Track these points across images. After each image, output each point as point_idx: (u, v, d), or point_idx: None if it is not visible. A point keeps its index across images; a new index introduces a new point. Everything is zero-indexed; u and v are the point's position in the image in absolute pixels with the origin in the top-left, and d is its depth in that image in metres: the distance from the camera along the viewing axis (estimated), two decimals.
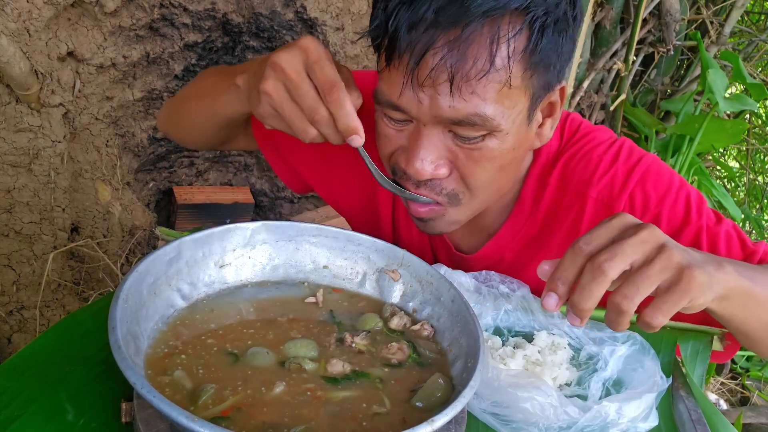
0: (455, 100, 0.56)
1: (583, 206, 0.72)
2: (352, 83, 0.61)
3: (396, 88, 0.58)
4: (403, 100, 0.58)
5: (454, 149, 0.60)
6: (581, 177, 0.72)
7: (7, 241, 1.47)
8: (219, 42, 1.74)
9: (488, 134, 0.59)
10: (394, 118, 0.61)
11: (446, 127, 0.59)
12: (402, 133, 0.62)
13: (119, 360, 0.42)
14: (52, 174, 1.48)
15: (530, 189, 0.75)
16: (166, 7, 1.56)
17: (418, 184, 0.63)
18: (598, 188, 0.71)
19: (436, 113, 0.57)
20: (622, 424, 0.55)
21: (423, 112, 0.58)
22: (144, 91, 1.71)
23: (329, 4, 1.71)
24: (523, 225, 0.76)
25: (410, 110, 0.58)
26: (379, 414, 0.49)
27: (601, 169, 0.71)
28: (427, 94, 0.56)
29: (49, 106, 1.45)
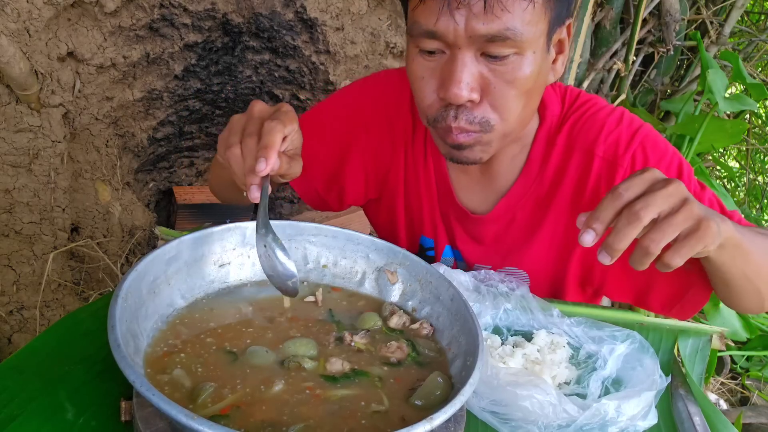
0: (488, 17, 0.62)
1: (590, 163, 0.78)
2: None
3: (432, 16, 0.63)
4: (440, 25, 0.63)
5: (486, 74, 0.66)
6: (587, 136, 0.79)
7: (7, 241, 1.48)
8: (219, 42, 1.74)
9: (516, 53, 0.65)
10: (428, 48, 0.66)
11: (479, 48, 0.64)
12: (434, 70, 0.67)
13: (119, 359, 0.43)
14: (52, 174, 1.48)
15: (538, 149, 0.81)
16: (166, 7, 1.56)
17: (456, 116, 0.67)
18: (604, 147, 0.78)
19: (471, 33, 0.63)
20: (621, 422, 0.55)
21: (458, 34, 0.63)
22: (144, 91, 1.71)
23: (329, 4, 1.71)
24: (533, 183, 0.81)
25: (447, 34, 0.64)
26: (378, 412, 0.49)
27: (606, 129, 0.78)
28: (462, 15, 0.62)
29: (49, 107, 1.45)
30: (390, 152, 0.87)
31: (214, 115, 2.04)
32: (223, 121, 2.10)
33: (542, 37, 0.66)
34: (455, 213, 0.86)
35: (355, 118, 0.87)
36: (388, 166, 0.88)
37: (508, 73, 0.65)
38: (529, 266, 0.85)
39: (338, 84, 1.88)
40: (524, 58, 0.65)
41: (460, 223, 0.86)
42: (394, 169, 0.88)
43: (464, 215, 0.85)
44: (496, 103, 0.67)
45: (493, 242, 0.85)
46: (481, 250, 0.86)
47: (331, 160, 0.88)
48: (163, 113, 1.85)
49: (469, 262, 0.88)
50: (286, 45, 1.78)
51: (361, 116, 0.87)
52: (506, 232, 0.84)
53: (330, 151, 0.88)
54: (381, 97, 0.87)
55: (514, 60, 0.65)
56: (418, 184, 0.87)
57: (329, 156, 0.88)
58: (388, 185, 0.89)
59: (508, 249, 0.84)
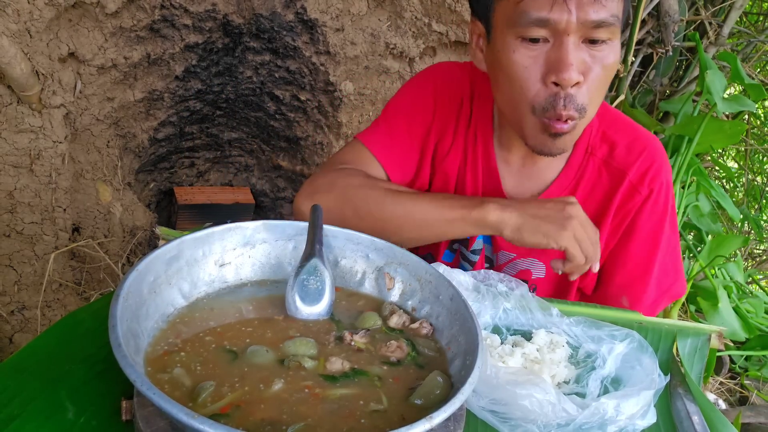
0: (598, 6, 0.70)
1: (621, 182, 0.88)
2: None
3: (546, 5, 0.70)
4: (554, 13, 0.70)
5: (587, 59, 0.73)
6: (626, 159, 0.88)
7: (8, 242, 1.48)
8: (219, 43, 1.74)
9: (610, 39, 0.73)
10: (534, 36, 0.72)
11: (582, 35, 0.71)
12: (538, 58, 0.74)
13: (119, 358, 0.43)
14: (53, 174, 1.48)
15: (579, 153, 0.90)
16: (167, 8, 1.56)
17: (566, 105, 0.74)
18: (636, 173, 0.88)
19: (583, 20, 0.70)
20: (620, 421, 0.55)
21: (570, 22, 0.70)
22: (145, 91, 1.72)
23: (329, 5, 1.72)
24: (569, 184, 0.90)
25: (560, 21, 0.70)
26: (377, 411, 0.49)
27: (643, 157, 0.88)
28: (574, 4, 0.69)
29: (50, 107, 1.45)
30: (452, 137, 0.94)
31: (214, 115, 2.04)
32: (223, 122, 2.10)
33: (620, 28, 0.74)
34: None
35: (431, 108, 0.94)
36: (447, 151, 0.94)
37: (605, 57, 0.73)
38: (547, 259, 0.91)
39: (338, 84, 1.89)
40: (614, 45, 0.74)
41: None
42: (452, 155, 0.94)
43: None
44: (591, 87, 0.74)
45: None
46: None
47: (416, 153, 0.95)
48: (164, 114, 1.86)
49: (497, 248, 0.94)
50: (286, 46, 1.79)
51: (435, 104, 0.94)
52: None
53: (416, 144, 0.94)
54: (446, 87, 0.94)
55: (608, 46, 0.73)
56: (465, 171, 0.94)
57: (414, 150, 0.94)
58: (441, 170, 0.95)
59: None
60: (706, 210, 2.13)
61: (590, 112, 0.77)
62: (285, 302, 0.61)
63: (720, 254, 1.96)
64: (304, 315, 0.60)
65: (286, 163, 2.23)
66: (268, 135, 2.18)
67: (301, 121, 2.06)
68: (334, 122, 2.01)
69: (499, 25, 0.76)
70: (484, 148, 0.92)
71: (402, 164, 0.93)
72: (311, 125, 2.06)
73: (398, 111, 0.95)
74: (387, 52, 1.90)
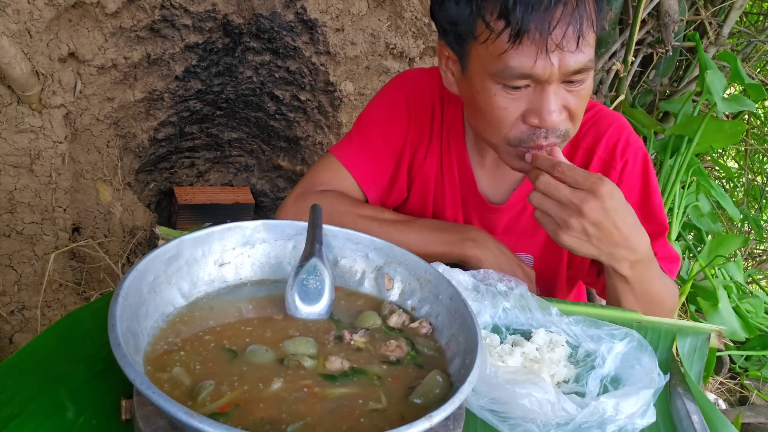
0: (578, 54, 0.71)
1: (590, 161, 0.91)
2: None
3: (529, 60, 0.70)
4: (538, 67, 0.71)
5: (566, 97, 0.75)
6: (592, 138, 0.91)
7: (8, 242, 1.48)
8: (219, 43, 1.74)
9: (587, 74, 0.75)
10: (517, 85, 0.73)
11: (562, 79, 0.73)
12: (518, 101, 0.75)
13: (119, 357, 0.43)
14: (53, 174, 1.49)
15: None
16: (167, 8, 1.56)
17: (547, 136, 0.76)
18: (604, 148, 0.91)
19: (565, 70, 0.71)
20: (619, 420, 0.55)
21: (553, 72, 0.71)
22: (145, 92, 1.72)
23: (329, 6, 1.72)
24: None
25: (542, 74, 0.71)
26: (376, 410, 0.50)
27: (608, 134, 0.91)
28: (556, 56, 0.70)
29: (50, 107, 1.45)
30: (427, 144, 0.95)
31: (214, 115, 2.05)
32: (223, 122, 2.11)
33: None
34: (475, 203, 0.95)
35: (405, 118, 0.95)
36: (424, 158, 0.96)
37: (582, 90, 0.76)
38: (533, 249, 0.94)
39: (338, 84, 1.89)
40: (591, 76, 0.76)
41: (477, 212, 0.95)
42: (428, 162, 0.95)
43: (483, 205, 0.94)
44: (572, 116, 0.77)
45: (503, 232, 0.94)
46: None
47: (392, 166, 0.96)
48: (164, 114, 1.86)
49: None
50: (286, 46, 1.79)
51: (409, 113, 0.95)
52: (517, 221, 0.93)
53: (391, 156, 0.95)
54: (418, 96, 0.95)
55: (586, 80, 0.75)
56: (443, 175, 0.96)
57: (389, 163, 0.95)
58: (420, 176, 0.97)
59: (517, 237, 0.93)
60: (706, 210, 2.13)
61: (573, 131, 0.79)
62: (284, 302, 0.61)
63: (720, 254, 1.96)
64: (303, 314, 0.60)
65: (286, 163, 2.23)
66: (268, 135, 2.18)
67: (301, 121, 2.06)
68: (334, 122, 2.01)
69: (476, 66, 0.76)
70: (458, 152, 0.94)
71: (377, 179, 0.95)
72: (311, 125, 2.06)
73: (372, 124, 0.95)
74: (387, 52, 1.90)
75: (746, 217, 2.50)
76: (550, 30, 0.69)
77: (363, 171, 0.94)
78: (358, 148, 0.94)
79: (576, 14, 0.70)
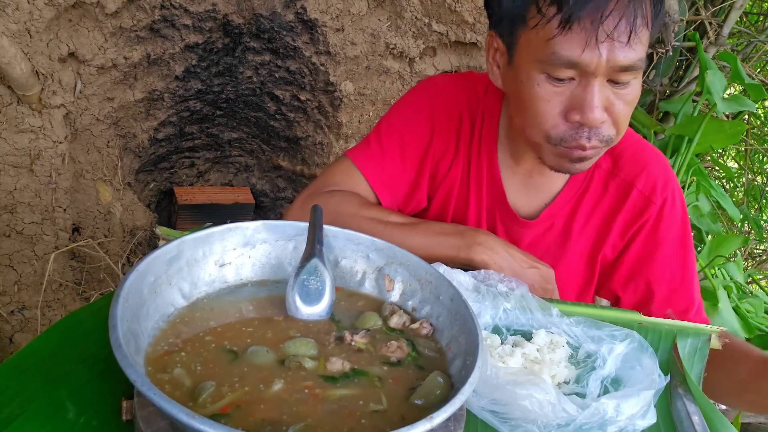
0: (628, 50, 0.69)
1: (628, 193, 0.89)
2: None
3: (578, 48, 0.69)
4: (585, 56, 0.69)
5: (611, 97, 0.73)
6: (632, 170, 0.89)
7: (8, 242, 1.48)
8: (219, 43, 1.74)
9: (635, 77, 0.73)
10: (561, 77, 0.72)
11: (608, 76, 0.71)
12: (562, 94, 0.73)
13: (120, 358, 0.43)
14: (53, 174, 1.49)
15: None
16: (167, 8, 1.56)
17: (590, 137, 0.74)
18: (643, 183, 0.89)
19: (613, 63, 0.69)
20: (620, 421, 0.55)
21: (600, 65, 0.69)
22: (145, 92, 1.72)
23: (329, 6, 1.72)
24: (574, 196, 0.91)
25: (590, 64, 0.69)
26: (377, 411, 0.50)
27: (648, 168, 0.89)
28: (606, 48, 0.68)
29: (50, 107, 1.45)
30: (453, 154, 0.93)
31: (214, 115, 2.05)
32: (223, 122, 2.10)
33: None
34: (503, 214, 0.93)
35: (428, 127, 0.93)
36: (449, 167, 0.94)
37: (628, 95, 0.73)
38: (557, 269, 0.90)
39: (338, 84, 1.89)
40: (638, 81, 0.74)
41: (503, 224, 0.93)
42: (453, 171, 0.94)
43: (512, 217, 0.92)
44: (617, 121, 0.75)
45: (527, 247, 0.92)
46: None
47: (411, 174, 0.94)
48: (164, 114, 1.86)
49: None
50: (286, 46, 1.79)
51: (433, 123, 0.93)
52: (543, 238, 0.92)
53: (410, 165, 0.93)
54: (444, 105, 0.93)
55: (633, 84, 0.73)
56: (469, 184, 0.94)
57: (409, 171, 0.93)
58: (444, 185, 0.95)
59: (541, 254, 0.90)
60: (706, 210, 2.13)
61: (617, 138, 0.78)
62: (285, 302, 0.61)
63: (720, 254, 1.96)
64: (304, 315, 0.60)
65: (286, 163, 2.23)
66: (268, 135, 2.18)
67: (301, 121, 2.06)
68: (334, 122, 2.01)
69: (524, 54, 0.74)
70: (489, 161, 0.92)
71: (393, 184, 0.92)
72: (311, 125, 2.06)
73: (392, 131, 0.93)
74: (387, 52, 1.90)
75: (746, 217, 2.50)
76: (602, 19, 0.67)
77: (378, 175, 0.91)
78: (374, 153, 0.92)
79: (631, 7, 0.68)
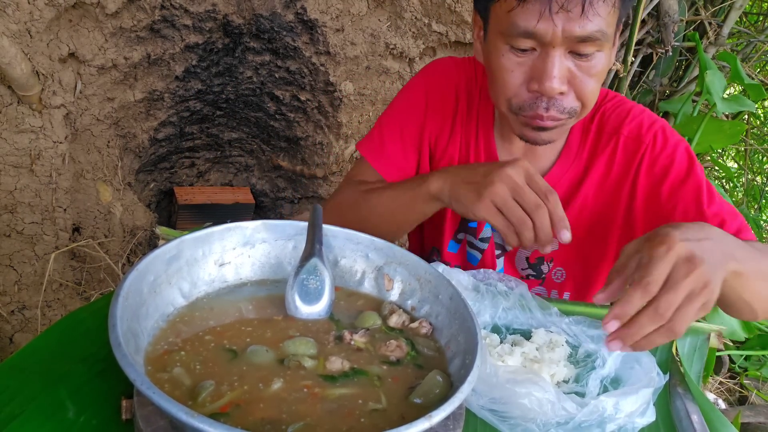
0: (583, 21, 0.70)
1: (617, 143, 0.88)
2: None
3: (533, 18, 0.71)
4: (540, 26, 0.71)
5: (572, 69, 0.74)
6: (615, 121, 0.90)
7: (8, 242, 1.48)
8: (219, 43, 1.74)
9: (598, 50, 0.74)
10: (521, 47, 0.74)
11: (568, 48, 0.73)
12: (524, 65, 0.75)
13: (119, 357, 0.43)
14: (53, 174, 1.49)
15: (575, 136, 0.91)
16: (167, 8, 1.56)
17: (548, 107, 0.75)
18: (630, 128, 0.88)
19: (568, 34, 0.71)
20: (619, 419, 0.55)
21: (556, 35, 0.71)
22: (145, 92, 1.72)
23: (329, 6, 1.72)
24: (570, 166, 0.91)
25: (545, 35, 0.71)
26: (377, 410, 0.50)
27: (631, 115, 0.89)
28: (561, 18, 0.70)
29: (50, 107, 1.45)
30: (449, 133, 0.95)
31: (214, 116, 2.05)
32: (223, 122, 2.11)
33: (612, 35, 0.75)
34: None
35: (422, 108, 0.96)
36: (446, 146, 0.96)
37: (591, 67, 0.74)
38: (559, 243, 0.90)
39: (338, 84, 1.89)
40: (603, 54, 0.75)
41: None
42: (450, 150, 0.96)
43: None
44: (580, 94, 0.76)
45: None
46: None
47: (414, 154, 0.96)
48: (164, 114, 1.86)
49: None
50: (286, 46, 1.79)
51: (426, 104, 0.95)
52: None
53: (411, 147, 0.96)
54: (439, 84, 0.96)
55: (596, 56, 0.74)
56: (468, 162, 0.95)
57: (411, 152, 0.96)
58: (443, 163, 0.97)
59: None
60: None
61: (584, 112, 0.79)
62: (285, 302, 0.61)
63: None
64: (303, 314, 0.60)
65: (286, 163, 2.23)
66: (268, 135, 2.18)
67: (301, 121, 2.06)
68: (334, 122, 2.01)
69: (493, 28, 0.78)
70: (486, 139, 0.94)
71: (400, 171, 0.95)
72: (311, 125, 2.06)
73: (392, 114, 0.97)
74: (387, 52, 1.90)
75: (746, 217, 2.50)
76: None
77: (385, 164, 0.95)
78: (377, 142, 0.96)
79: None
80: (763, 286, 0.67)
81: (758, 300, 0.69)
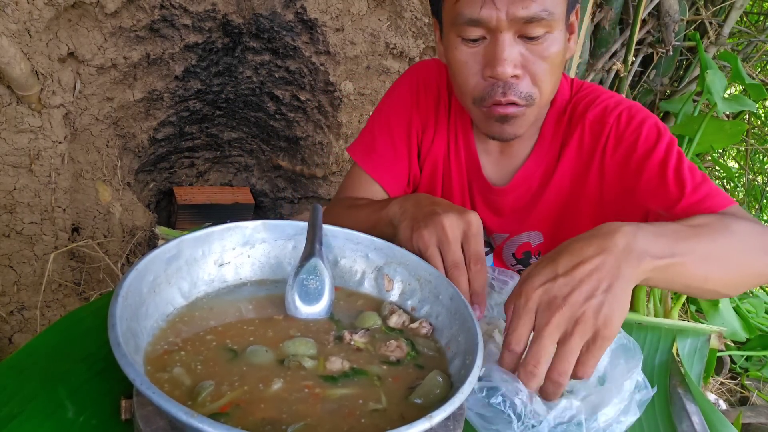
0: (527, 2, 0.71)
1: (584, 128, 0.88)
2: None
3: (476, 6, 0.73)
4: (483, 13, 0.73)
5: (524, 53, 0.75)
6: (583, 108, 0.90)
7: (8, 242, 1.48)
8: (219, 43, 1.74)
9: (548, 32, 0.75)
10: (471, 37, 0.76)
11: (517, 31, 0.74)
12: (477, 54, 0.77)
13: (119, 357, 0.43)
14: (52, 174, 1.48)
15: (549, 128, 0.92)
16: (167, 8, 1.56)
17: (505, 92, 0.77)
18: (594, 112, 0.88)
19: (513, 17, 0.72)
20: (602, 418, 0.55)
21: (500, 19, 0.73)
22: (144, 92, 1.72)
23: (329, 5, 1.72)
24: (545, 156, 0.92)
25: (490, 20, 0.73)
26: (377, 410, 0.49)
27: (598, 101, 0.90)
28: (504, 2, 0.72)
29: (49, 107, 1.45)
30: (433, 130, 0.97)
31: (214, 115, 2.05)
32: (223, 122, 2.11)
33: (563, 19, 0.76)
34: (479, 186, 0.96)
35: (408, 106, 0.98)
36: (431, 143, 0.98)
37: (544, 50, 0.75)
38: (541, 226, 0.93)
39: (338, 84, 1.89)
40: (554, 37, 0.75)
41: (481, 195, 0.96)
42: (435, 148, 0.98)
43: (487, 187, 0.95)
44: (535, 78, 0.77)
45: (510, 212, 0.95)
46: (499, 221, 0.96)
47: (404, 152, 0.98)
48: (164, 114, 1.86)
49: (490, 231, 0.97)
50: (286, 46, 1.79)
51: (412, 102, 0.98)
52: (521, 200, 0.94)
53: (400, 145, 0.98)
54: (423, 81, 0.98)
55: (546, 38, 0.75)
56: (450, 160, 0.97)
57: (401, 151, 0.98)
58: (429, 159, 0.99)
59: (522, 216, 0.94)
60: None
61: (543, 99, 0.79)
62: (284, 302, 0.61)
63: None
64: (303, 314, 0.60)
65: (285, 163, 2.23)
66: (267, 135, 2.18)
67: (301, 121, 2.06)
68: (334, 122, 2.01)
69: (446, 23, 0.80)
70: (465, 138, 0.96)
71: (392, 170, 0.97)
72: (311, 125, 2.06)
73: (380, 115, 0.99)
74: (387, 52, 1.90)
75: None
76: None
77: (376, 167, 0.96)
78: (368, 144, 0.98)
79: None
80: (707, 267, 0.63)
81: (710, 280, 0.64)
